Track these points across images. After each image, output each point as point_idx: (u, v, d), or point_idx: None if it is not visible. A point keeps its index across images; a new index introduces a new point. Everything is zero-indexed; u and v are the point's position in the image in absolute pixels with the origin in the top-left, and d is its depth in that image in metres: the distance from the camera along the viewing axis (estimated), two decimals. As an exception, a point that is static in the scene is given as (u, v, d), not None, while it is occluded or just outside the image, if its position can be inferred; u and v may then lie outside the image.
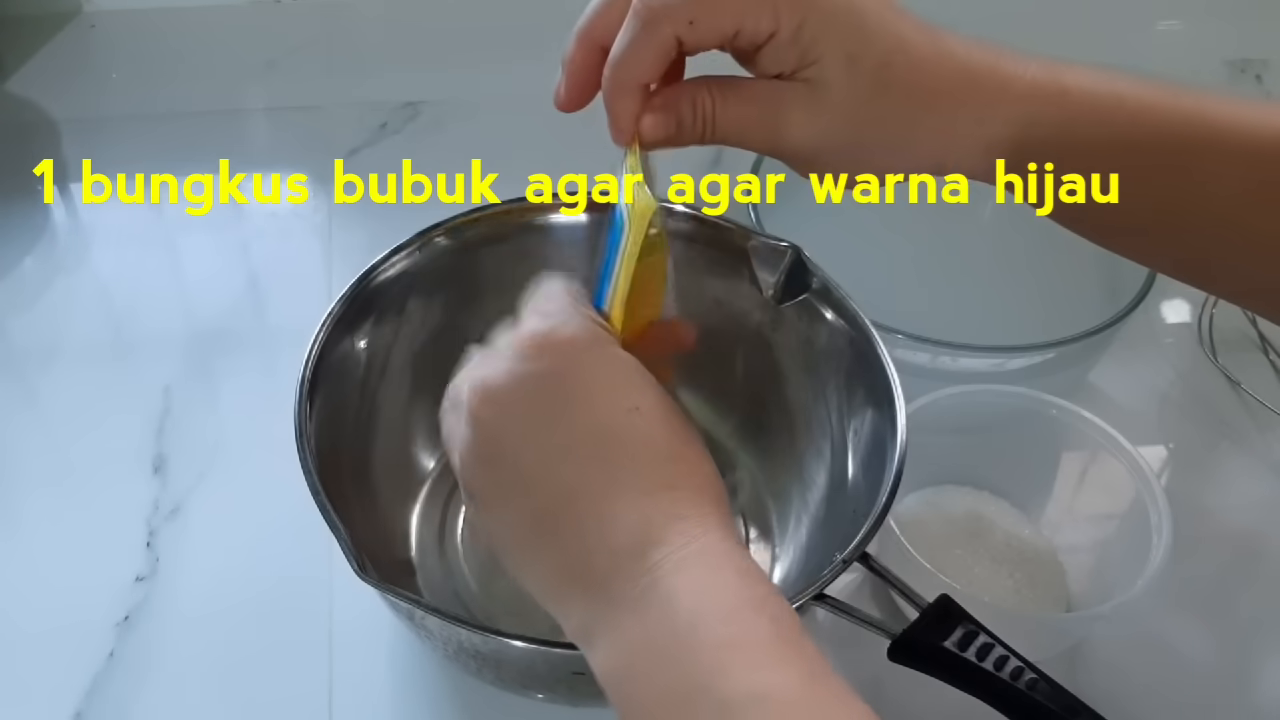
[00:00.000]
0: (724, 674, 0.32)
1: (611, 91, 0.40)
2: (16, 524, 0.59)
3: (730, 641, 0.33)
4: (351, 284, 0.54)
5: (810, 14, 0.39)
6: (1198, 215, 0.42)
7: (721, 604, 0.34)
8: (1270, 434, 0.66)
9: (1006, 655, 0.43)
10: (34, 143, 0.80)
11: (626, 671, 0.34)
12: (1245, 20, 0.95)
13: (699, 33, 0.39)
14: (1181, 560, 0.55)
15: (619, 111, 0.40)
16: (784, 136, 0.41)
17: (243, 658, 0.54)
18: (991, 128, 0.41)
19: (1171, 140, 0.41)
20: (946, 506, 0.60)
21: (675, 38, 0.39)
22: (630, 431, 0.36)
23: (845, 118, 0.40)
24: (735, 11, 0.38)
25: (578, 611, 0.36)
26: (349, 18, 0.90)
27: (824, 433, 0.56)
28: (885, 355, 0.51)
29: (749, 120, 0.41)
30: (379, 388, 0.56)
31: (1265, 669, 0.57)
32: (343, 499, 0.49)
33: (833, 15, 0.39)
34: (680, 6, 0.38)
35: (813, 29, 0.39)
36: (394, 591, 0.43)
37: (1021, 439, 0.60)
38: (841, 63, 0.39)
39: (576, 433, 0.36)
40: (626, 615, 0.34)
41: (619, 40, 0.39)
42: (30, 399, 0.65)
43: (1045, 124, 0.41)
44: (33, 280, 0.72)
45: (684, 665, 0.32)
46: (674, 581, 0.34)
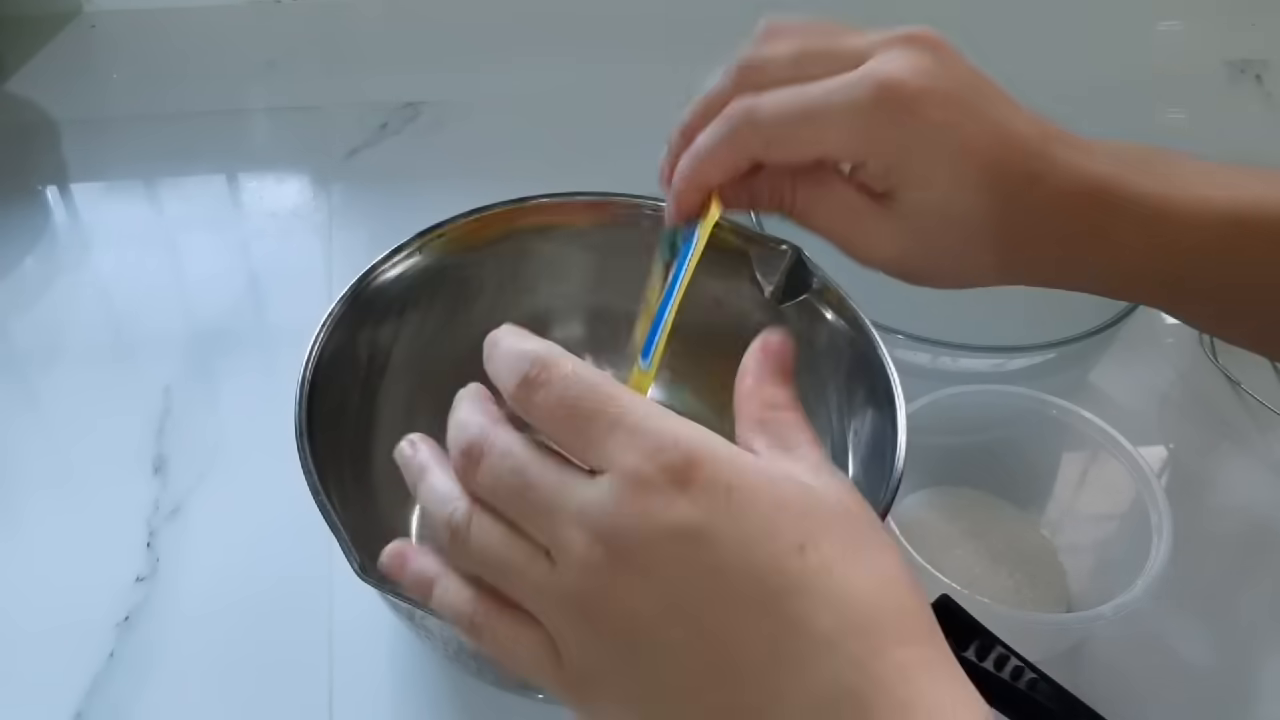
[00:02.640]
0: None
1: (681, 182, 0.40)
2: (17, 524, 0.59)
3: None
4: (352, 284, 0.54)
5: (906, 153, 0.36)
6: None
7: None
8: (1270, 434, 0.66)
9: (1006, 655, 0.43)
10: (34, 143, 0.80)
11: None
12: (1245, 21, 0.95)
13: (776, 155, 0.38)
14: (1182, 560, 0.55)
15: (683, 202, 0.40)
16: (860, 250, 0.40)
17: (243, 658, 0.54)
18: (1126, 261, 0.38)
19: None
20: (946, 506, 0.60)
21: (751, 155, 0.38)
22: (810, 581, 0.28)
23: (934, 252, 0.39)
24: (819, 141, 0.37)
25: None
26: (349, 18, 0.90)
27: (824, 433, 0.56)
28: (885, 355, 0.51)
29: (827, 223, 0.40)
30: (379, 388, 0.56)
31: (1265, 669, 0.57)
32: (343, 499, 0.49)
33: (934, 143, 0.36)
34: (764, 125, 0.37)
35: (906, 167, 0.37)
36: (394, 591, 0.43)
37: (1021, 439, 0.60)
38: (934, 208, 0.37)
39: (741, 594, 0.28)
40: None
41: (702, 136, 0.39)
42: (31, 399, 0.65)
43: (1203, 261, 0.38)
44: (33, 280, 0.72)
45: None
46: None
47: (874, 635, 0.28)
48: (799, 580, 0.28)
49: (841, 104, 0.36)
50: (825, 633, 0.27)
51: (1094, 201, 0.38)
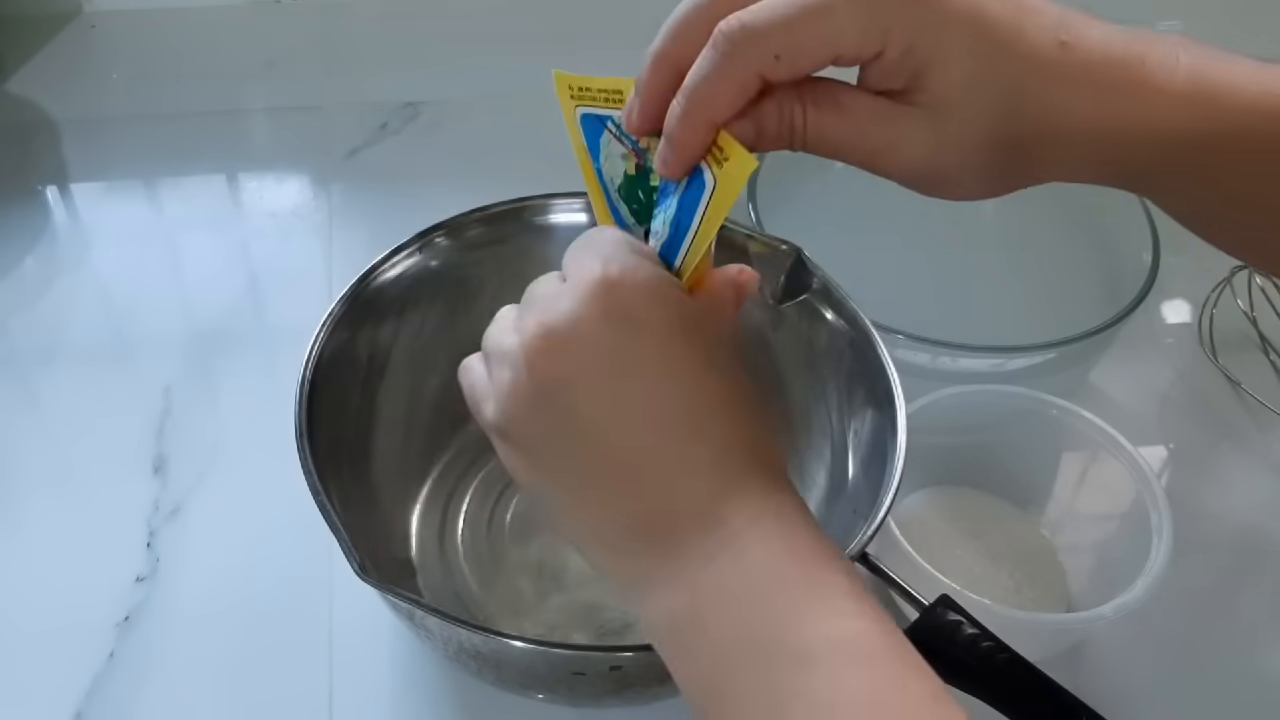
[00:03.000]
0: (802, 620, 0.31)
1: (680, 124, 0.36)
2: (17, 524, 0.59)
3: (808, 590, 0.32)
4: (352, 284, 0.54)
5: (923, 30, 0.34)
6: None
7: (797, 555, 0.33)
8: (1270, 434, 0.66)
9: (1007, 655, 0.43)
10: (34, 143, 0.80)
11: (692, 621, 0.33)
12: (1245, 21, 0.95)
13: (786, 68, 0.34)
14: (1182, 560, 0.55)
15: (684, 145, 0.36)
16: (887, 161, 0.37)
17: (243, 658, 0.54)
18: (1138, 148, 0.36)
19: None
20: (946, 506, 0.60)
21: (759, 74, 0.35)
22: (706, 388, 0.35)
23: (964, 144, 0.36)
24: (830, 38, 0.34)
25: (637, 563, 0.35)
26: (349, 18, 0.90)
27: (824, 433, 0.56)
28: (885, 355, 0.51)
29: (846, 139, 0.36)
30: (379, 388, 0.56)
31: (1266, 669, 0.57)
32: (343, 499, 0.49)
33: (951, 29, 0.34)
34: (766, 36, 0.33)
35: (926, 48, 0.34)
36: (394, 592, 0.43)
37: (1021, 439, 0.60)
38: (960, 87, 0.35)
39: (649, 384, 0.35)
40: (696, 564, 0.34)
41: (695, 69, 0.35)
42: (31, 399, 0.65)
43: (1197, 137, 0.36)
44: (33, 280, 0.72)
45: (759, 612, 0.32)
46: (749, 534, 0.33)
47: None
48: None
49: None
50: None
51: (1127, 71, 0.36)
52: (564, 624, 0.53)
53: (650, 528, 0.35)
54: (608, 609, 0.54)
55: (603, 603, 0.54)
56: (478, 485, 0.59)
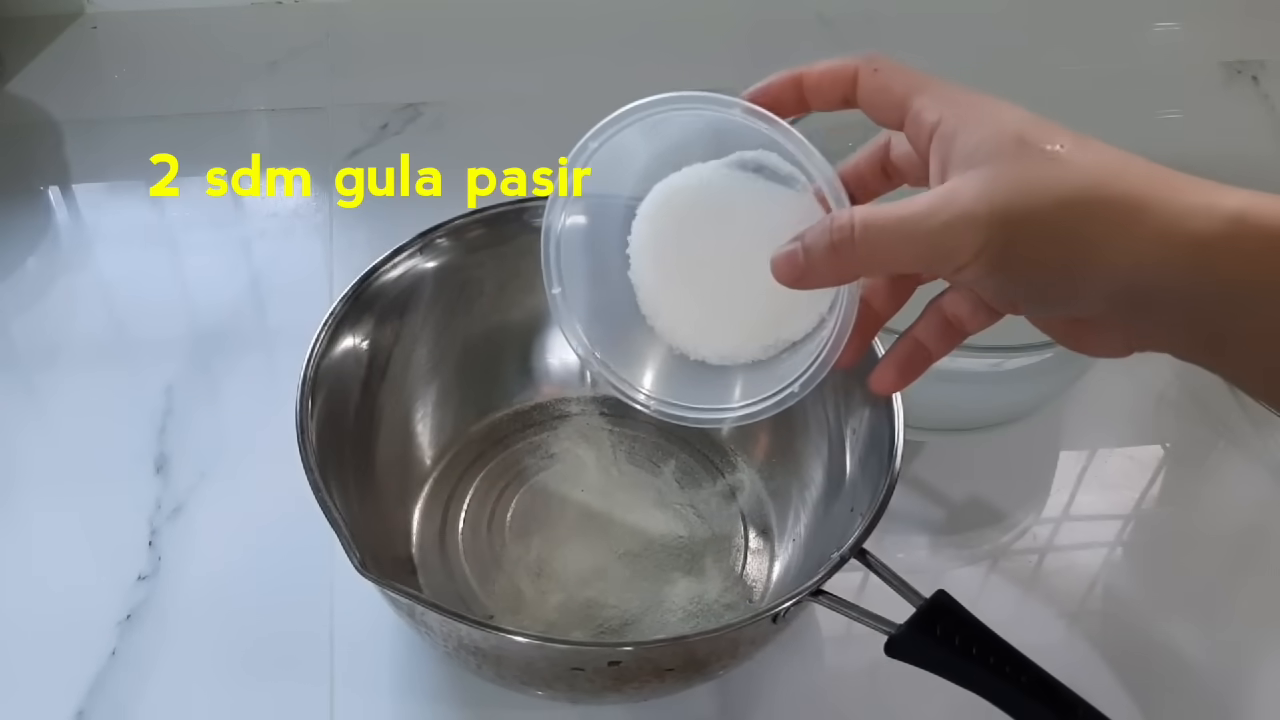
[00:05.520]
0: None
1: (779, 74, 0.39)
2: (19, 523, 0.59)
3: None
4: (353, 284, 0.54)
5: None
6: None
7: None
8: (1267, 434, 0.66)
9: (1004, 651, 0.43)
10: (36, 144, 0.80)
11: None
12: (1242, 21, 0.96)
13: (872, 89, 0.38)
14: (1180, 559, 0.55)
15: (777, 80, 0.39)
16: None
17: (244, 656, 0.54)
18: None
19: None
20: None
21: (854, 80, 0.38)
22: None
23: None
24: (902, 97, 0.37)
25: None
26: (350, 20, 0.90)
27: (822, 431, 0.56)
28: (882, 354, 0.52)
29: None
30: (380, 387, 0.56)
31: (1263, 669, 0.57)
32: (344, 498, 0.49)
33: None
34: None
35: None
36: (394, 588, 0.43)
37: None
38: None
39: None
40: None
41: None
42: (33, 399, 0.65)
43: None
44: (35, 280, 0.72)
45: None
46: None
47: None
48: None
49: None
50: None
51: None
52: (563, 622, 0.54)
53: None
54: (607, 607, 0.54)
55: (602, 601, 0.54)
56: (478, 485, 0.59)
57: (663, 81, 0.41)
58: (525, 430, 0.62)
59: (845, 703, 0.54)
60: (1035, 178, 0.34)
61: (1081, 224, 0.34)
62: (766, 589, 0.56)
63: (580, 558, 0.56)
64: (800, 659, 0.55)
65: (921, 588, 0.45)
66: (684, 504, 0.59)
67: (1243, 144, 0.85)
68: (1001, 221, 0.34)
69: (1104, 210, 0.34)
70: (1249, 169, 0.81)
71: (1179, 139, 0.85)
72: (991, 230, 0.34)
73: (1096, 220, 0.34)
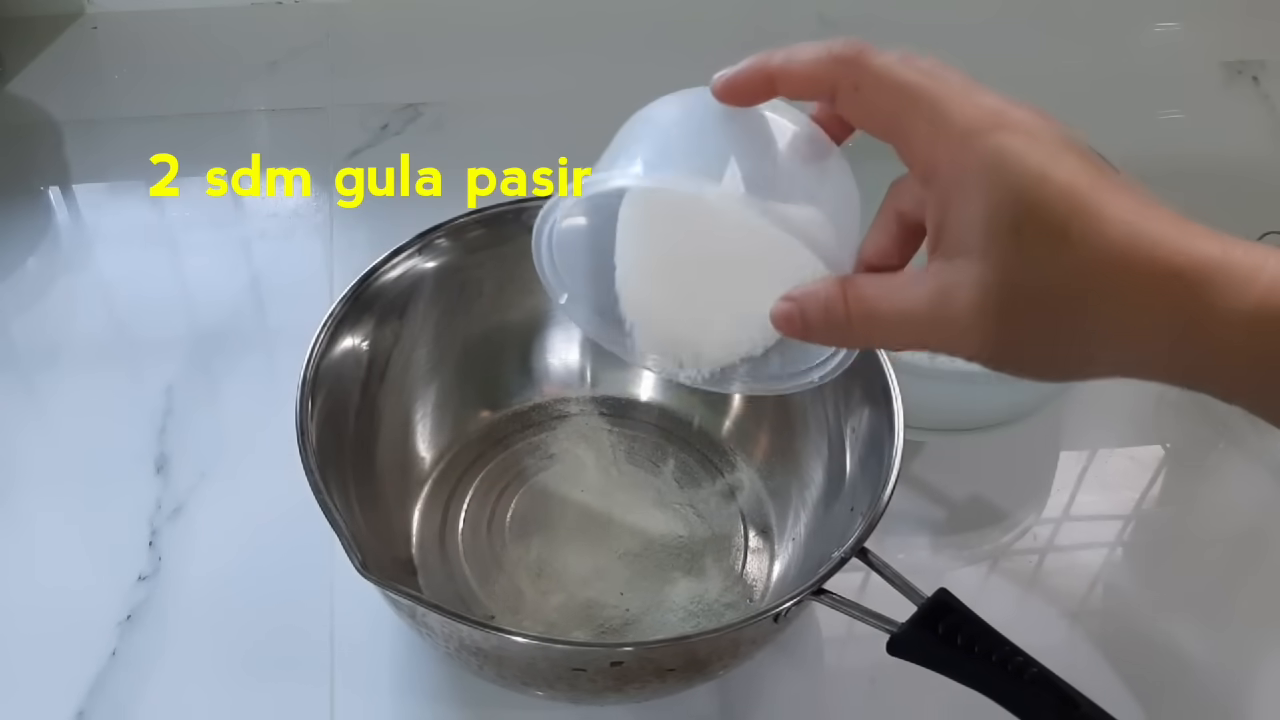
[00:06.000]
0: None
1: (752, 63, 0.36)
2: (19, 523, 0.59)
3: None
4: (353, 284, 0.54)
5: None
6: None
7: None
8: (1268, 434, 0.66)
9: (1006, 649, 0.43)
10: (36, 144, 0.80)
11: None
12: (1242, 21, 0.96)
13: (856, 102, 0.35)
14: (1180, 559, 0.55)
15: (748, 73, 0.36)
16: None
17: (244, 657, 0.54)
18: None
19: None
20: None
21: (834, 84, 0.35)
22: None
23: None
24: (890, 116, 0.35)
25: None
26: (350, 20, 0.90)
27: (821, 430, 0.56)
28: (883, 354, 0.52)
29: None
30: (380, 387, 0.56)
31: (1263, 668, 0.57)
32: (344, 498, 0.49)
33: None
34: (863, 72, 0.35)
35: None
36: (396, 589, 0.43)
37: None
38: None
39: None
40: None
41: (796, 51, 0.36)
42: (33, 399, 0.65)
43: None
44: (36, 280, 0.72)
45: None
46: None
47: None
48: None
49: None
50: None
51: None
52: (563, 623, 0.54)
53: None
54: (607, 608, 0.54)
55: (602, 601, 0.54)
56: (478, 485, 0.59)
57: (663, 81, 0.41)
58: (525, 431, 0.62)
59: (845, 703, 0.54)
60: (1036, 275, 0.32)
61: (1092, 318, 0.32)
62: (767, 588, 0.56)
63: (580, 558, 0.56)
64: (801, 659, 0.55)
65: (922, 587, 0.45)
66: (684, 504, 0.59)
67: (1243, 144, 0.85)
68: (1001, 323, 0.33)
69: (1120, 294, 0.32)
70: (1249, 169, 0.81)
71: (1179, 139, 0.84)
72: (986, 334, 0.33)
73: (1110, 304, 0.32)
